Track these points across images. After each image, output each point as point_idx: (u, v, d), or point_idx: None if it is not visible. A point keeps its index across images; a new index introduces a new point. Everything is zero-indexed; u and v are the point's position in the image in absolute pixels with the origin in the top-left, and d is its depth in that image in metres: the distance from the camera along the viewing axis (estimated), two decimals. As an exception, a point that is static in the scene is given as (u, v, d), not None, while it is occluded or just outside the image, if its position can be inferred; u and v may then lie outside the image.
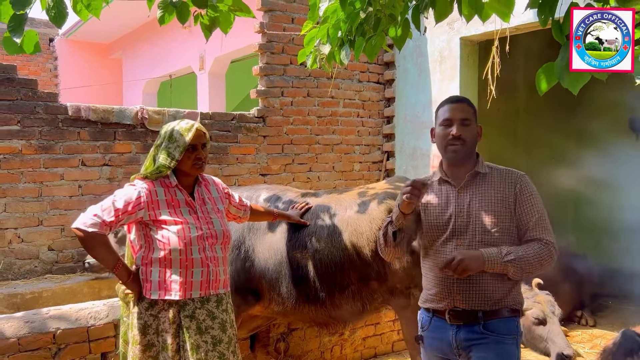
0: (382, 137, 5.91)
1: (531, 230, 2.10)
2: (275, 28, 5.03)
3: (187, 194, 2.44)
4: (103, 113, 4.22)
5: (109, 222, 2.26)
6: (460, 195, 2.16)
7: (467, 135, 2.13)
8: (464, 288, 2.11)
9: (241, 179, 4.90)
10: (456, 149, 2.13)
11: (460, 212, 2.14)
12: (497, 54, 4.34)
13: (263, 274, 3.09)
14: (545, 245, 2.07)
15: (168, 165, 2.36)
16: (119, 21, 9.06)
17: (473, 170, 2.16)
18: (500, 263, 2.02)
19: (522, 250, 2.05)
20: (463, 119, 2.13)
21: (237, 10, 2.50)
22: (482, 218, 2.11)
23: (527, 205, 2.11)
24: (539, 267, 2.07)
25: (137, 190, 2.34)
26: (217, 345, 2.36)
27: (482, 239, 2.09)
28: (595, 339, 4.88)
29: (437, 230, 2.17)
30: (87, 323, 2.99)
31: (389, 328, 4.31)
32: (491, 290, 2.09)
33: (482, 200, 2.12)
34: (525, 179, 2.16)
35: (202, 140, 2.42)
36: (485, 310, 2.09)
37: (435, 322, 2.19)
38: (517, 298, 2.16)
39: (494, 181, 2.15)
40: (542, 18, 2.04)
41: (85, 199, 4.18)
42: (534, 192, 2.14)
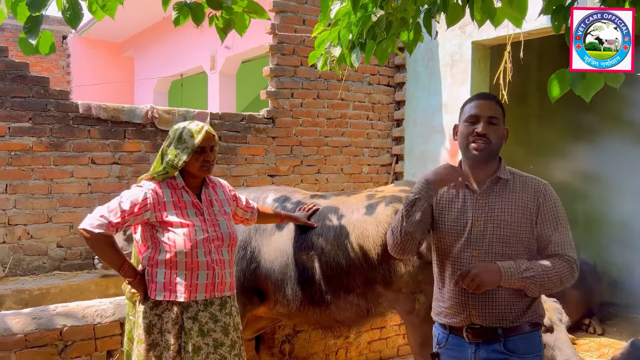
0: (392, 140, 5.89)
1: (553, 244, 1.97)
2: (287, 29, 5.04)
3: (194, 196, 2.44)
4: (113, 111, 4.24)
5: (115, 223, 2.26)
6: (479, 201, 2.02)
7: (493, 134, 2.00)
8: (480, 303, 1.98)
9: (249, 179, 4.90)
10: (480, 147, 1.99)
11: (478, 219, 2.00)
12: (509, 59, 4.31)
13: (269, 275, 3.09)
14: (567, 262, 1.94)
15: (175, 165, 2.36)
16: (131, 20, 9.11)
17: (494, 175, 2.02)
18: (518, 279, 1.89)
19: (541, 266, 1.92)
20: (491, 117, 2.00)
21: (252, 12, 2.50)
22: (501, 227, 1.98)
23: (549, 218, 1.98)
24: (559, 285, 1.95)
25: (143, 192, 2.34)
26: (219, 348, 2.36)
27: (500, 250, 1.97)
28: (602, 348, 4.83)
29: (452, 237, 2.04)
30: (93, 321, 3.01)
31: (395, 332, 4.30)
32: (510, 305, 1.98)
33: (502, 209, 1.99)
34: (549, 189, 2.03)
35: (211, 143, 2.41)
36: (504, 326, 1.97)
37: (452, 340, 2.07)
38: (537, 311, 2.04)
39: (516, 189, 2.01)
40: (556, 25, 2.02)
41: (94, 196, 4.21)
42: (558, 204, 2.01)
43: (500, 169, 2.05)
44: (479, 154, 2.01)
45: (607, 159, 7.24)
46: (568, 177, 7.06)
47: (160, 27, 9.12)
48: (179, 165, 2.35)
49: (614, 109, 6.59)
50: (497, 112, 2.03)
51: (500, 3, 2.21)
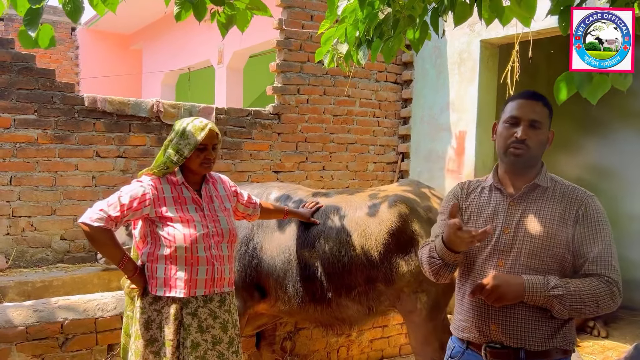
0: (398, 138, 5.86)
1: (591, 263, 1.75)
2: (294, 25, 5.01)
3: (194, 192, 2.44)
4: (119, 105, 4.24)
5: (114, 217, 2.26)
6: (511, 208, 1.86)
7: (533, 140, 1.82)
8: (502, 317, 1.80)
9: (254, 175, 4.89)
10: (518, 154, 1.83)
11: (508, 227, 1.84)
12: (517, 58, 4.27)
13: (270, 271, 3.08)
14: (606, 284, 1.72)
15: (175, 161, 2.35)
16: (140, 12, 9.13)
17: (532, 181, 1.86)
18: (544, 296, 1.71)
19: (574, 285, 1.71)
20: (533, 120, 1.82)
21: (255, 9, 2.48)
22: (532, 238, 1.80)
23: (589, 233, 1.78)
24: (594, 309, 1.72)
25: (142, 187, 2.34)
26: (217, 345, 2.36)
27: (528, 263, 1.79)
28: (606, 351, 4.79)
29: (480, 245, 1.88)
30: (94, 314, 3.02)
31: (397, 331, 4.28)
32: (536, 324, 1.78)
33: (535, 218, 1.82)
34: (593, 201, 1.83)
35: (213, 141, 2.41)
36: (528, 349, 1.78)
37: (468, 356, 1.90)
38: (568, 336, 1.83)
39: (555, 198, 1.84)
40: (563, 26, 1.99)
41: (98, 189, 4.21)
42: (602, 219, 1.81)
43: (540, 175, 1.88)
44: (516, 160, 1.85)
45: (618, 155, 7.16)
46: (578, 177, 7.00)
47: (169, 20, 9.12)
48: (179, 161, 2.36)
49: (624, 105, 6.52)
50: (540, 114, 1.85)
51: (508, 2, 2.18)
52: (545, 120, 1.86)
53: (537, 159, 1.88)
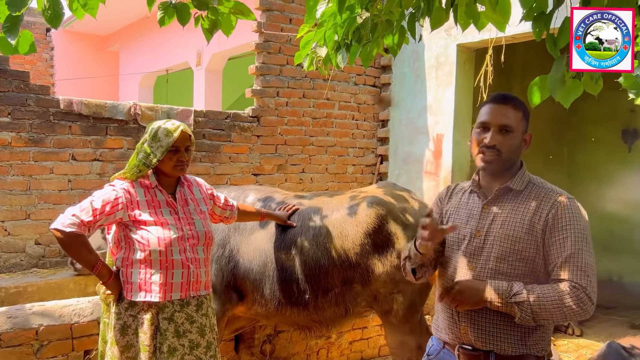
0: (377, 141, 5.90)
1: (559, 268, 1.71)
2: (273, 28, 5.01)
3: (168, 195, 2.43)
4: (95, 107, 4.18)
5: (87, 222, 2.23)
6: (484, 211, 1.85)
7: (504, 145, 1.80)
8: (471, 321, 1.80)
9: (233, 178, 4.87)
10: (488, 159, 1.82)
11: (479, 230, 1.84)
12: (490, 62, 4.34)
13: (247, 274, 3.08)
14: (573, 290, 1.65)
15: (148, 164, 2.34)
16: (117, 14, 9.01)
17: (505, 185, 1.84)
18: (505, 303, 1.68)
19: (539, 292, 1.67)
20: (502, 125, 1.81)
21: (238, 13, 2.48)
22: (501, 242, 1.78)
23: (559, 237, 1.73)
24: (559, 316, 1.67)
25: (115, 191, 2.32)
26: (194, 349, 2.35)
27: (496, 267, 1.78)
28: (581, 349, 4.89)
29: (453, 247, 1.91)
30: (70, 320, 2.97)
31: (376, 332, 4.31)
32: (504, 328, 1.77)
33: (505, 222, 1.80)
34: (566, 204, 1.77)
35: (186, 143, 2.40)
36: (498, 353, 1.77)
37: (444, 355, 1.92)
38: (539, 344, 1.79)
39: (528, 201, 1.80)
40: (537, 31, 2.03)
41: (74, 193, 4.15)
42: (575, 222, 1.74)
43: (514, 178, 1.85)
44: (487, 166, 1.84)
45: (588, 163, 7.35)
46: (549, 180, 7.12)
47: (146, 22, 9.03)
48: (152, 164, 2.34)
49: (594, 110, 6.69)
50: (511, 118, 1.82)
51: (484, 7, 2.21)
52: (517, 123, 1.83)
53: (510, 162, 1.85)
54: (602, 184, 7.04)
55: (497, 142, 1.80)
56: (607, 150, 7.06)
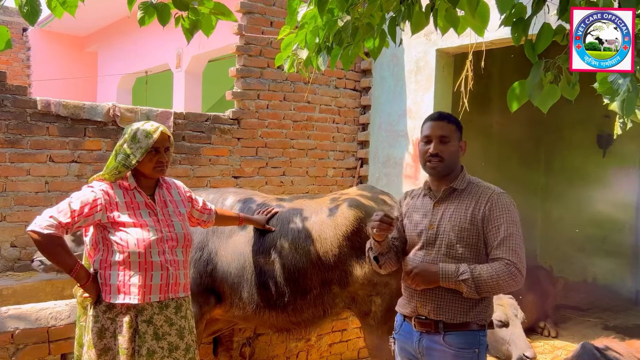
0: (357, 144, 5.93)
1: (495, 249, 2.11)
2: (254, 30, 5.02)
3: (147, 196, 2.41)
4: (74, 109, 4.13)
5: (65, 223, 2.20)
6: (435, 209, 2.25)
7: (445, 152, 2.19)
8: (424, 298, 2.19)
9: (213, 180, 4.85)
10: (433, 166, 2.21)
11: (432, 225, 2.22)
12: (470, 67, 4.40)
13: (225, 277, 3.07)
14: (506, 266, 2.06)
15: (127, 165, 2.32)
16: (95, 14, 8.91)
17: (449, 185, 2.23)
18: (454, 281, 2.08)
19: (480, 270, 2.07)
20: (442, 136, 2.19)
21: (219, 14, 2.48)
22: (450, 233, 2.17)
23: (494, 224, 2.12)
24: (497, 288, 2.07)
25: (93, 193, 2.29)
26: (174, 352, 2.34)
27: (448, 253, 2.16)
28: (556, 350, 4.98)
29: (413, 239, 2.28)
30: (47, 323, 2.92)
31: (356, 335, 4.32)
32: (450, 302, 2.15)
33: (452, 216, 2.19)
34: (498, 197, 2.16)
35: (165, 144, 2.39)
36: (445, 321, 2.15)
37: (405, 327, 2.30)
38: (481, 314, 2.18)
39: (468, 198, 2.20)
40: (515, 36, 2.07)
41: (51, 195, 4.09)
42: (506, 211, 2.14)
43: (457, 179, 2.24)
44: (433, 171, 2.23)
45: (565, 167, 7.50)
46: (525, 183, 7.27)
47: (126, 23, 8.95)
48: (131, 165, 2.32)
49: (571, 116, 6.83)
50: (448, 130, 2.21)
51: (463, 12, 2.25)
52: (452, 134, 2.21)
53: (452, 166, 2.23)
54: (578, 187, 7.19)
55: (439, 150, 2.19)
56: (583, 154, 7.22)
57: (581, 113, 6.60)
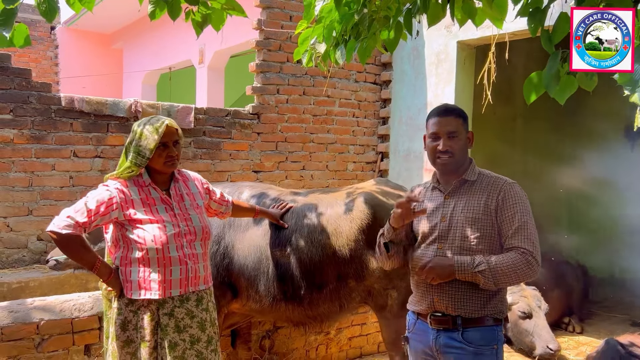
0: (377, 138, 5.90)
1: (510, 238, 2.09)
2: (273, 25, 5.02)
3: (162, 192, 2.43)
4: (96, 105, 4.21)
5: (82, 222, 2.24)
6: (446, 202, 2.22)
7: (454, 147, 2.17)
8: (441, 292, 2.15)
9: (234, 175, 4.89)
10: (444, 162, 2.18)
11: (444, 218, 2.19)
12: (493, 60, 4.33)
13: (242, 270, 3.10)
14: (522, 255, 2.04)
15: (139, 163, 2.35)
16: (120, 11, 9.04)
17: (461, 177, 2.20)
18: (470, 273, 2.05)
19: (495, 260, 2.04)
20: (450, 132, 2.17)
21: (230, 9, 2.50)
22: (463, 225, 2.14)
23: (508, 214, 2.10)
24: (514, 278, 2.04)
25: (109, 191, 2.33)
26: (195, 344, 2.37)
27: (462, 245, 2.13)
28: (581, 346, 4.89)
29: (425, 232, 2.23)
30: (71, 315, 3.00)
31: (375, 328, 4.32)
32: (468, 295, 2.12)
33: (464, 208, 2.16)
34: (511, 187, 2.15)
35: (173, 138, 2.40)
36: (464, 317, 2.12)
37: (419, 325, 2.25)
38: (498, 307, 2.16)
39: (480, 189, 2.17)
40: (532, 27, 2.04)
41: (76, 189, 4.18)
42: (519, 201, 2.12)
43: (467, 171, 2.22)
44: (444, 167, 2.21)
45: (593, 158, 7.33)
46: (552, 176, 7.13)
47: (150, 20, 9.05)
48: (142, 163, 2.35)
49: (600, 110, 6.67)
50: (455, 125, 2.18)
51: (481, 4, 2.22)
52: (460, 128, 2.19)
53: (462, 160, 2.21)
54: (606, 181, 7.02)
55: (449, 146, 2.16)
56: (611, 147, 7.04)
57: (609, 104, 6.44)
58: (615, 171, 6.95)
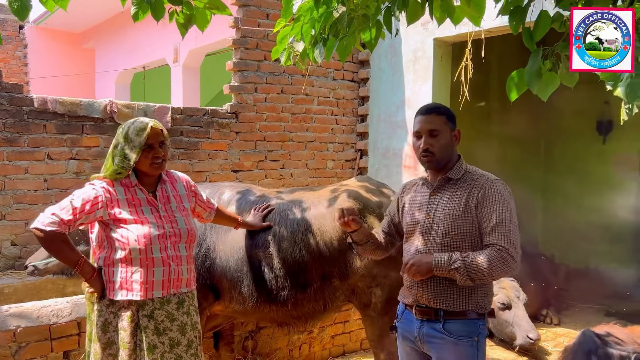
0: (356, 136, 5.91)
1: (488, 235, 2.12)
2: (250, 23, 4.98)
3: (148, 193, 2.42)
4: (70, 106, 4.12)
5: (67, 220, 2.23)
6: (431, 198, 2.27)
7: (435, 146, 2.20)
8: (423, 287, 2.23)
9: (212, 175, 4.84)
10: (427, 161, 2.24)
11: (429, 214, 2.25)
12: (469, 57, 4.37)
13: (224, 272, 3.07)
14: (498, 252, 2.06)
15: (126, 167, 2.33)
16: (92, 10, 8.88)
17: (445, 175, 2.25)
18: (447, 270, 2.10)
19: (472, 257, 2.08)
20: (431, 130, 2.21)
21: (213, 8, 2.46)
22: (444, 221, 2.19)
23: (487, 211, 2.13)
24: (490, 274, 2.07)
25: (95, 190, 2.32)
26: (175, 347, 2.35)
27: (442, 241, 2.19)
28: (558, 337, 4.99)
29: (411, 229, 2.31)
30: (49, 321, 2.93)
31: (358, 326, 4.33)
32: (449, 290, 2.18)
33: (446, 205, 2.21)
34: (492, 184, 2.17)
35: (159, 139, 2.38)
36: (445, 310, 2.18)
37: (406, 315, 2.33)
38: (480, 302, 2.20)
39: (464, 186, 2.21)
40: (514, 25, 2.06)
41: (50, 192, 4.09)
42: (500, 198, 2.14)
43: (452, 169, 2.25)
44: (428, 165, 2.27)
45: (565, 154, 7.47)
46: (527, 171, 7.25)
47: (122, 18, 8.91)
48: (129, 166, 2.33)
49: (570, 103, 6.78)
50: (437, 123, 2.22)
51: (459, 2, 2.23)
52: (442, 126, 2.22)
53: (446, 158, 2.24)
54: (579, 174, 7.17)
55: (429, 144, 2.21)
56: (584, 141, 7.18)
57: (581, 100, 6.57)
58: (588, 164, 7.11)
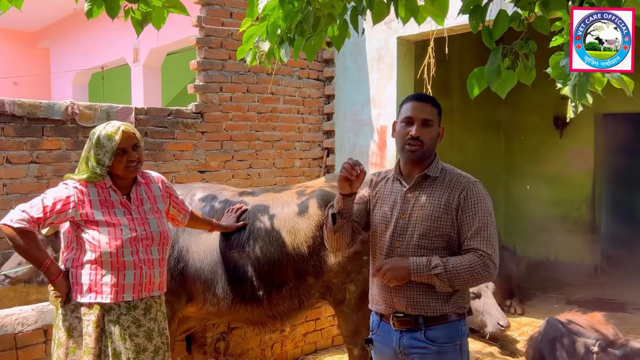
0: (322, 134, 5.94)
1: (469, 239, 2.03)
2: (214, 22, 4.94)
3: (122, 195, 2.39)
4: (30, 108, 4.00)
5: (36, 218, 2.20)
6: (407, 196, 2.13)
7: (426, 136, 2.08)
8: (400, 293, 2.08)
9: (178, 176, 4.79)
10: (413, 150, 2.09)
11: (404, 213, 2.11)
12: (432, 54, 4.46)
13: (198, 274, 3.05)
14: (480, 257, 1.98)
15: (100, 172, 2.31)
16: (46, 8, 8.62)
17: (423, 172, 2.12)
18: (426, 275, 1.98)
19: (452, 263, 1.98)
20: (425, 119, 2.09)
21: (171, 7, 2.44)
22: (422, 222, 2.07)
23: (468, 214, 2.04)
24: (471, 281, 1.99)
25: (67, 189, 2.29)
26: (141, 354, 2.32)
27: (419, 243, 2.06)
28: (523, 327, 5.15)
29: (382, 228, 2.16)
30: (14, 329, 2.85)
31: (329, 323, 4.37)
32: (427, 296, 2.05)
33: (425, 204, 2.08)
34: (473, 186, 2.09)
35: (131, 142, 2.35)
36: (425, 315, 2.06)
37: (382, 327, 2.18)
38: (459, 302, 2.10)
39: (443, 186, 2.10)
40: (473, 24, 2.13)
41: (10, 197, 3.96)
42: (481, 201, 2.06)
43: (430, 166, 2.13)
44: (412, 155, 2.10)
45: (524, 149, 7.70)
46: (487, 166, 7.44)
47: (79, 16, 8.67)
48: (103, 171, 2.31)
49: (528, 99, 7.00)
50: (432, 114, 2.11)
51: (423, 1, 2.28)
52: (435, 118, 2.12)
53: (430, 152, 2.13)
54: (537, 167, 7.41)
55: (421, 133, 2.08)
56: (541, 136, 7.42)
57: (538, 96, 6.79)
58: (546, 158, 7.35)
